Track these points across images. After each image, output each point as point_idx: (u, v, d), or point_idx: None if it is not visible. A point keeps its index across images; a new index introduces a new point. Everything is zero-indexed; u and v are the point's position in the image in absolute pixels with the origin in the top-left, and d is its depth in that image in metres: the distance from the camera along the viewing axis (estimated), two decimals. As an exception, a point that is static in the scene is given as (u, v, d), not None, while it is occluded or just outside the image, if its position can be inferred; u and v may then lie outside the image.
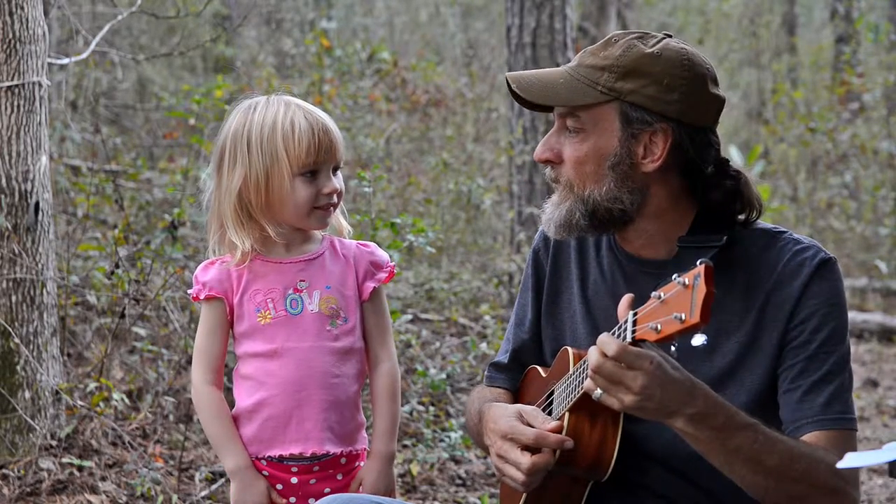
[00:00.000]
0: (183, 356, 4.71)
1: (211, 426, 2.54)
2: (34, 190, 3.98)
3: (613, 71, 2.23)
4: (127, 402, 4.28)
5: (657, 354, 1.98)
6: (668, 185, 2.28)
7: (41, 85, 4.01)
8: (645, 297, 1.99)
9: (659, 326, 1.90)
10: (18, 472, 3.84)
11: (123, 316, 4.43)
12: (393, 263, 2.64)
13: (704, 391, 2.05)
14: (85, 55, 5.21)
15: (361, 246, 2.62)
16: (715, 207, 2.29)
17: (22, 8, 3.93)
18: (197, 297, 2.53)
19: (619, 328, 2.02)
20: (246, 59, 11.31)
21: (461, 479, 4.59)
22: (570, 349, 2.32)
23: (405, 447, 4.68)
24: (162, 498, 3.86)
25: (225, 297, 2.52)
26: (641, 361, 1.96)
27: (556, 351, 2.42)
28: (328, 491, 2.51)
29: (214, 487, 4.07)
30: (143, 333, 4.93)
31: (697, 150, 2.26)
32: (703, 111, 2.26)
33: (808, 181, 10.90)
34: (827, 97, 12.57)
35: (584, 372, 2.12)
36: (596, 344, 2.00)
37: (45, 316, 4.02)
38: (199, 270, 2.55)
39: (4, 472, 3.84)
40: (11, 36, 3.91)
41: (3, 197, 3.92)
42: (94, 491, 3.85)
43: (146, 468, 3.95)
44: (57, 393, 4.01)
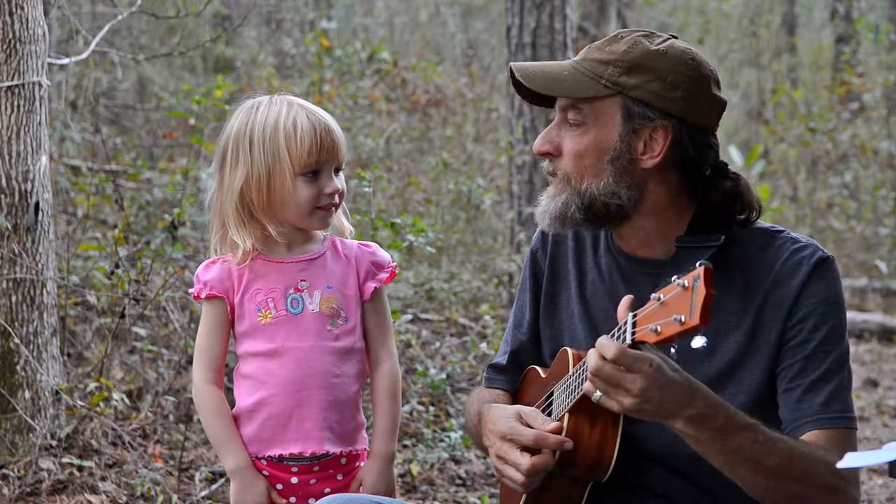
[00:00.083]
0: (183, 356, 4.71)
1: (211, 426, 2.54)
2: (34, 190, 3.98)
3: (618, 65, 2.23)
4: (127, 402, 4.28)
5: (656, 357, 1.98)
6: (666, 182, 2.28)
7: (41, 85, 4.01)
8: (643, 297, 1.99)
9: (658, 328, 1.89)
10: (18, 472, 3.84)
11: (123, 316, 4.43)
12: (394, 264, 2.64)
13: (704, 392, 2.05)
14: (85, 55, 5.21)
15: (363, 246, 2.63)
16: (713, 208, 2.29)
17: (22, 8, 3.93)
18: (198, 296, 2.54)
19: (618, 330, 2.02)
20: (246, 59, 11.30)
21: (461, 479, 4.59)
22: (569, 350, 2.31)
23: (405, 447, 4.68)
24: (162, 498, 3.86)
25: (226, 296, 2.52)
26: (641, 364, 1.96)
27: (554, 351, 2.41)
28: (328, 491, 2.50)
29: (214, 487, 4.07)
30: (143, 333, 4.93)
31: (697, 149, 2.26)
32: (704, 111, 2.26)
33: (808, 181, 10.90)
34: (827, 97, 12.57)
35: (583, 373, 2.12)
36: (595, 346, 2.00)
37: (45, 316, 4.02)
38: (200, 269, 2.55)
39: (4, 472, 3.84)
40: (11, 36, 3.91)
41: (3, 197, 3.92)
42: (94, 491, 3.85)
43: (146, 468, 3.96)
44: (57, 393, 4.01)
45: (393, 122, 9.82)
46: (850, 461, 1.81)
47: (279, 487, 2.52)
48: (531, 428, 2.22)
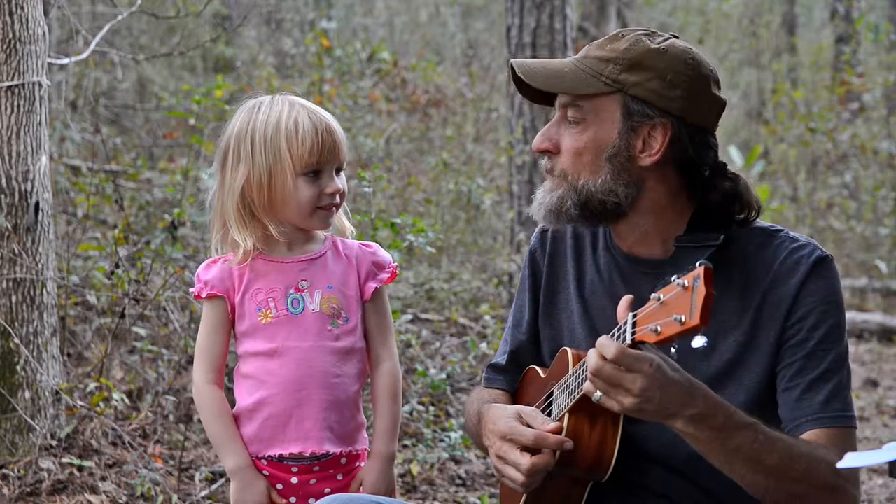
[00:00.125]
0: (183, 356, 4.71)
1: (212, 425, 2.54)
2: (34, 190, 3.98)
3: (619, 63, 2.23)
4: (127, 402, 4.28)
5: (656, 356, 1.98)
6: (664, 181, 2.28)
7: (41, 85, 4.01)
8: (643, 296, 1.99)
9: (658, 328, 1.89)
10: (18, 472, 3.84)
11: (123, 316, 4.43)
12: (395, 264, 2.64)
13: (704, 392, 2.05)
14: (85, 55, 5.21)
15: (364, 246, 2.63)
16: (712, 208, 2.29)
17: (22, 8, 3.93)
18: (199, 295, 2.54)
19: (618, 330, 2.02)
20: (246, 59, 11.31)
21: (461, 479, 4.59)
22: (568, 350, 2.31)
23: (405, 447, 4.68)
24: (162, 498, 3.86)
25: (226, 295, 2.52)
26: (641, 364, 1.96)
27: (554, 351, 2.41)
28: (328, 491, 2.50)
29: (214, 487, 4.07)
30: (143, 333, 4.93)
31: (696, 148, 2.26)
32: (704, 111, 2.26)
33: (808, 181, 10.90)
34: (827, 97, 12.57)
35: (583, 373, 2.12)
36: (595, 346, 2.00)
37: (45, 316, 4.02)
38: (201, 269, 2.55)
39: (4, 472, 3.84)
40: (11, 36, 3.91)
41: (3, 197, 3.92)
42: (94, 491, 3.85)
43: (146, 468, 3.96)
44: (57, 393, 4.01)
45: (393, 122, 9.82)
46: (850, 461, 1.81)
47: (279, 487, 2.52)
48: (531, 428, 2.22)
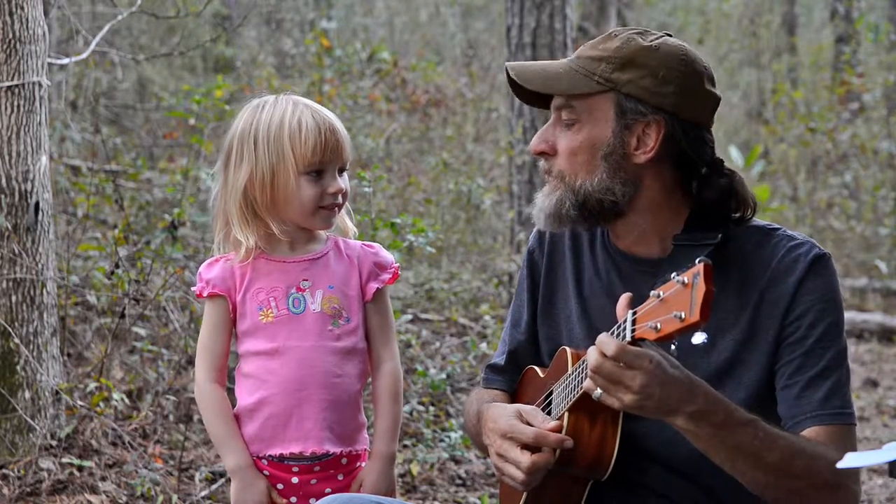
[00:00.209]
0: (183, 356, 4.71)
1: (213, 424, 2.54)
2: (34, 190, 3.98)
3: (611, 62, 2.24)
4: (127, 402, 4.28)
5: (656, 353, 1.98)
6: (661, 178, 2.28)
7: (41, 85, 4.01)
8: (641, 295, 1.99)
9: (658, 325, 1.89)
10: (18, 472, 3.84)
11: (123, 316, 4.43)
12: (397, 265, 2.65)
13: (704, 389, 2.05)
14: (85, 55, 5.21)
15: (366, 247, 2.63)
16: (709, 206, 2.29)
17: (22, 8, 3.93)
18: (200, 294, 2.54)
19: (618, 328, 2.02)
20: (246, 59, 11.31)
21: (461, 479, 4.59)
22: (567, 349, 2.31)
23: (405, 447, 4.69)
24: (162, 498, 3.86)
25: (227, 294, 2.52)
26: (641, 361, 1.96)
27: (552, 351, 2.41)
28: (329, 491, 2.50)
29: (214, 487, 4.07)
30: (143, 333, 4.93)
31: (691, 145, 2.26)
32: (697, 107, 2.27)
33: (808, 181, 10.91)
34: (827, 97, 12.57)
35: (583, 372, 2.12)
36: (595, 344, 2.00)
37: (45, 316, 4.02)
38: (202, 268, 2.56)
39: (4, 472, 3.84)
40: (11, 36, 3.91)
41: (3, 197, 3.93)
42: (94, 491, 3.85)
43: (146, 468, 3.96)
44: (57, 393, 4.01)
45: (393, 122, 9.82)
46: (850, 461, 1.81)
47: (280, 487, 2.52)
48: (531, 426, 2.22)
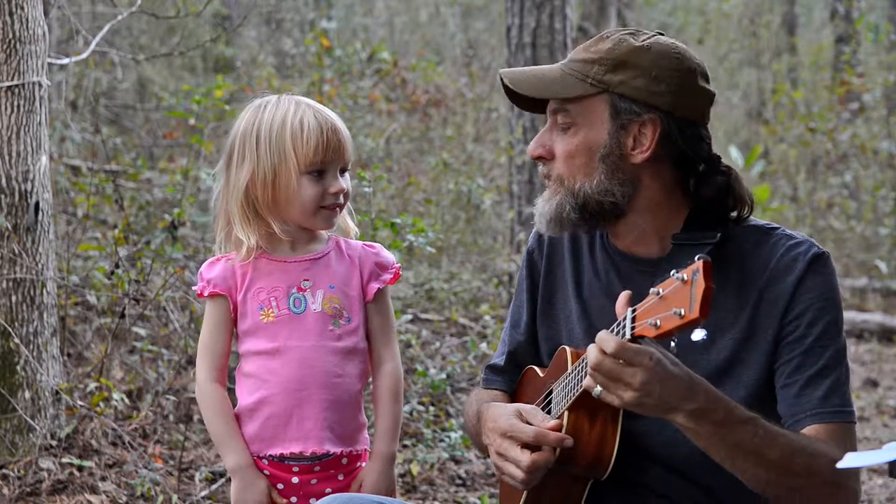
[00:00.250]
0: (183, 356, 4.72)
1: (213, 424, 2.54)
2: (34, 190, 3.98)
3: (603, 64, 2.25)
4: (127, 402, 4.28)
5: (656, 350, 1.98)
6: (659, 177, 2.28)
7: (41, 85, 4.01)
8: (641, 295, 1.99)
9: (658, 322, 1.90)
10: (18, 472, 3.84)
11: (123, 316, 4.43)
12: (398, 265, 2.65)
13: (704, 386, 2.05)
14: (85, 55, 5.21)
15: (367, 247, 2.63)
16: (708, 204, 2.29)
17: (22, 8, 3.93)
18: (201, 293, 2.54)
19: (617, 325, 2.02)
20: (246, 59, 11.31)
21: (461, 479, 4.59)
22: (567, 348, 2.31)
23: (405, 447, 4.69)
24: (162, 498, 3.86)
25: (228, 294, 2.53)
26: (641, 358, 1.96)
27: (552, 351, 2.41)
28: (329, 491, 2.50)
29: (214, 487, 4.07)
30: (143, 333, 4.93)
31: (687, 142, 2.27)
32: (692, 104, 2.27)
33: (808, 181, 10.91)
34: (827, 97, 12.57)
35: (582, 370, 2.13)
36: (595, 342, 2.00)
37: (45, 316, 4.02)
38: (204, 267, 2.56)
39: (4, 472, 3.84)
40: (11, 36, 3.91)
41: (3, 197, 3.93)
42: (94, 491, 3.85)
43: (146, 468, 3.95)
44: (57, 393, 4.01)
45: (393, 122, 9.83)
46: (850, 461, 1.81)
47: (280, 487, 2.52)
48: (531, 425, 2.23)
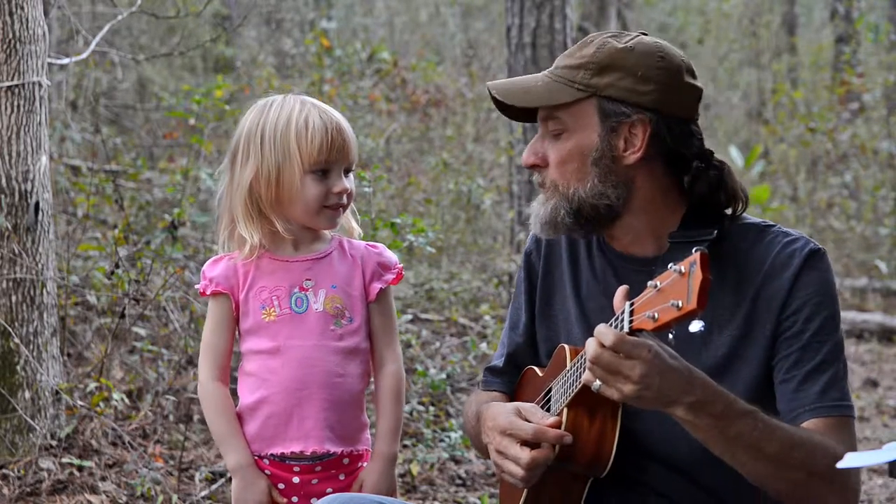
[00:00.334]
0: (183, 356, 4.72)
1: (215, 423, 2.55)
2: (34, 190, 3.98)
3: (589, 68, 2.26)
4: (127, 402, 4.28)
5: (655, 343, 1.99)
6: (652, 176, 2.29)
7: (41, 85, 4.01)
8: (639, 293, 2.00)
9: (656, 315, 1.90)
10: (18, 472, 3.84)
11: (123, 316, 4.43)
12: (401, 265, 2.65)
13: (703, 379, 2.06)
14: (85, 55, 5.21)
15: (370, 247, 2.63)
16: (703, 202, 2.30)
17: (22, 8, 3.93)
18: (203, 292, 2.55)
19: (615, 319, 2.02)
20: (246, 59, 11.31)
21: (461, 479, 4.59)
22: (566, 346, 2.32)
23: (405, 447, 4.69)
24: (162, 498, 3.86)
25: (231, 293, 2.53)
26: (639, 350, 1.96)
27: (551, 352, 2.42)
28: (330, 491, 2.50)
29: (214, 487, 4.07)
30: (143, 333, 4.93)
31: (678, 140, 2.28)
32: (680, 101, 2.28)
33: (808, 181, 10.91)
34: (827, 97, 12.57)
35: (581, 366, 2.13)
36: (593, 335, 2.00)
37: (45, 316, 4.02)
38: (206, 266, 2.57)
39: (4, 472, 3.84)
40: (11, 36, 3.91)
41: (3, 197, 3.93)
42: (94, 491, 3.85)
43: (146, 468, 3.95)
44: (57, 393, 4.01)
45: (393, 122, 9.83)
46: (850, 461, 1.81)
47: (281, 487, 2.52)
48: (530, 422, 2.23)
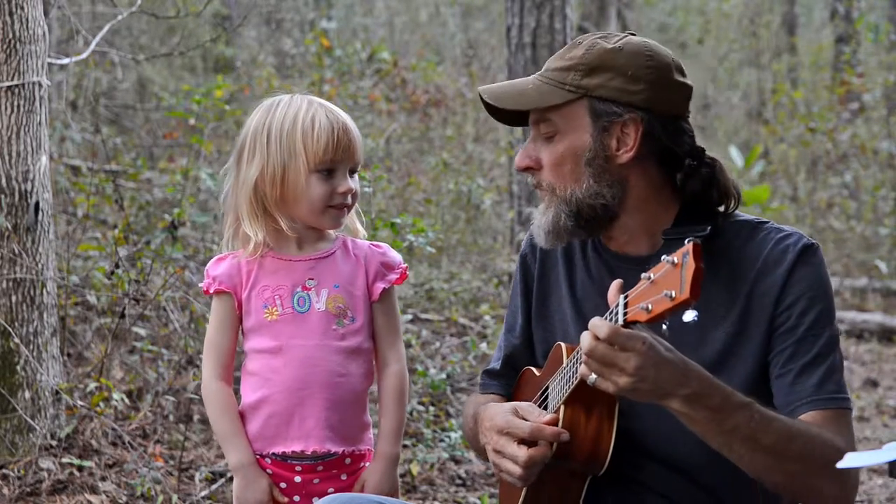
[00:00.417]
0: (183, 356, 4.72)
1: (217, 421, 2.55)
2: (34, 190, 3.98)
3: (579, 69, 2.27)
4: (127, 402, 4.28)
5: (649, 336, 1.99)
6: (646, 174, 2.30)
7: (41, 85, 4.01)
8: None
9: (650, 306, 1.90)
10: (18, 472, 3.84)
11: (123, 316, 4.43)
12: (405, 265, 2.64)
13: (699, 372, 2.06)
14: (85, 55, 5.21)
15: (374, 246, 2.63)
16: (696, 199, 2.31)
17: (22, 8, 3.93)
18: (207, 290, 2.55)
19: (610, 312, 2.03)
20: (246, 59, 11.32)
21: (461, 479, 4.59)
22: (562, 344, 2.32)
23: (405, 447, 4.69)
24: (162, 498, 3.86)
25: (234, 291, 2.53)
26: (633, 342, 1.97)
27: (547, 353, 2.42)
28: (332, 490, 2.50)
29: (214, 487, 4.07)
30: (143, 333, 4.93)
31: (670, 137, 2.28)
32: (671, 99, 2.29)
33: (808, 181, 10.91)
34: (827, 97, 12.58)
35: (578, 362, 2.13)
36: (588, 328, 2.00)
37: (45, 316, 4.02)
38: (210, 264, 2.57)
39: (4, 472, 3.84)
40: (11, 36, 3.91)
41: (3, 197, 3.93)
42: (94, 491, 3.85)
43: (146, 468, 3.95)
44: (57, 393, 4.01)
45: (393, 122, 9.83)
46: (850, 461, 1.81)
47: (283, 486, 2.52)
48: (527, 421, 2.23)
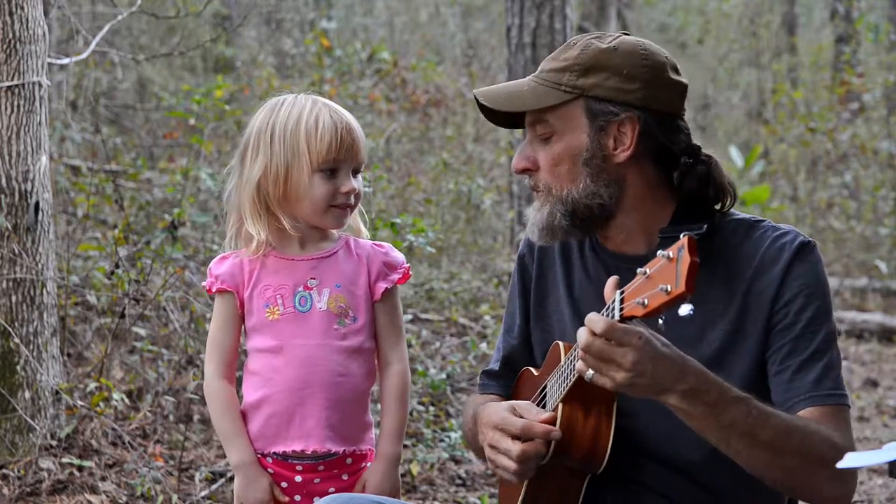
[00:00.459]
0: (183, 356, 4.72)
1: (219, 420, 2.55)
2: (34, 190, 3.98)
3: (574, 70, 2.27)
4: (127, 402, 4.28)
5: (645, 331, 1.99)
6: (643, 173, 2.30)
7: (41, 85, 4.01)
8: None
9: (646, 301, 1.90)
10: (18, 472, 3.85)
11: (123, 316, 4.43)
12: (407, 265, 2.64)
13: (696, 367, 2.06)
14: (85, 55, 5.21)
15: (376, 246, 2.63)
16: (693, 197, 2.31)
17: (22, 8, 3.93)
18: (209, 289, 2.56)
19: (606, 308, 2.03)
20: (246, 59, 11.32)
21: (461, 479, 4.59)
22: (560, 343, 2.32)
23: (405, 447, 4.69)
24: (162, 498, 3.86)
25: (236, 290, 2.53)
26: (630, 337, 1.97)
27: (545, 353, 2.42)
28: (332, 490, 2.50)
29: (214, 487, 4.07)
30: (143, 333, 4.93)
31: (666, 135, 2.29)
32: (666, 97, 2.29)
33: (808, 181, 10.91)
34: (827, 97, 12.58)
35: (575, 359, 2.13)
36: (584, 324, 2.01)
37: (45, 316, 4.02)
38: (213, 263, 2.57)
39: (4, 472, 3.84)
40: (11, 36, 3.91)
41: (3, 197, 3.93)
42: (94, 491, 3.85)
43: (146, 468, 3.96)
44: (57, 393, 4.01)
45: (393, 122, 9.83)
46: (850, 461, 1.81)
47: (283, 485, 2.52)
48: (523, 418, 2.23)
